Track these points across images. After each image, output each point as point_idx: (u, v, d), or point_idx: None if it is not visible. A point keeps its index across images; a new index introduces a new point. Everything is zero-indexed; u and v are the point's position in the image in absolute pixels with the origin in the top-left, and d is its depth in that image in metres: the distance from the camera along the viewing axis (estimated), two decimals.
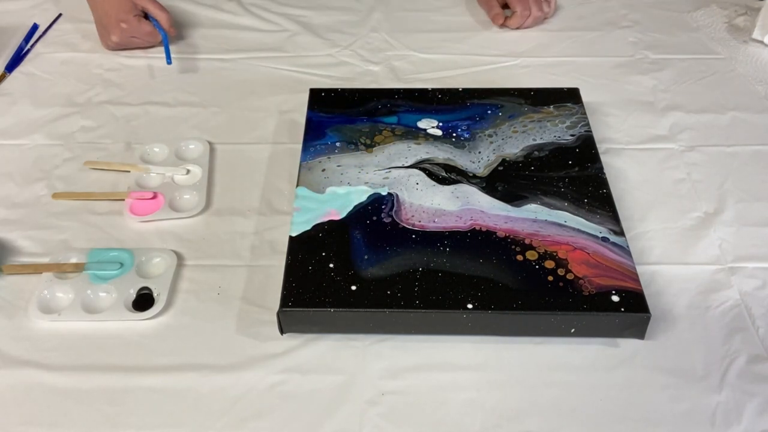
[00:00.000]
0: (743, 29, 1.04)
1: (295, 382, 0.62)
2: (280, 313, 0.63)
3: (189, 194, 0.78)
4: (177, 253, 0.72)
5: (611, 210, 0.70)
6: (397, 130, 0.81)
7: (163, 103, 0.92)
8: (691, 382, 0.61)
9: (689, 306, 0.67)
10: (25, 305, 0.67)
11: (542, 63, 0.98)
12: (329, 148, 0.78)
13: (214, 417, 0.59)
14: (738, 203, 0.77)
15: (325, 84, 0.94)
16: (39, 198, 0.79)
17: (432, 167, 0.76)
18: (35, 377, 0.62)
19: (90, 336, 0.65)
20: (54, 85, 0.95)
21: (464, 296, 0.63)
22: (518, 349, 0.64)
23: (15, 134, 0.87)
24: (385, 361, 0.63)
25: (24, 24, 1.06)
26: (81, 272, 0.69)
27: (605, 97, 0.91)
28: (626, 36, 1.03)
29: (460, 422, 0.59)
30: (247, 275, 0.70)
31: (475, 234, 0.68)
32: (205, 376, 0.62)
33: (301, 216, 0.70)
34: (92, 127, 0.88)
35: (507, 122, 0.81)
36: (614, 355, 0.63)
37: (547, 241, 0.67)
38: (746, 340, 0.64)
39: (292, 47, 1.01)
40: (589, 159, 0.76)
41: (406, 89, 0.87)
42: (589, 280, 0.64)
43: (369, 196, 0.72)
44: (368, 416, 0.59)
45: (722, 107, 0.90)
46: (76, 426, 0.59)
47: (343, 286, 0.64)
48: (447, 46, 1.02)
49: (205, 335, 0.65)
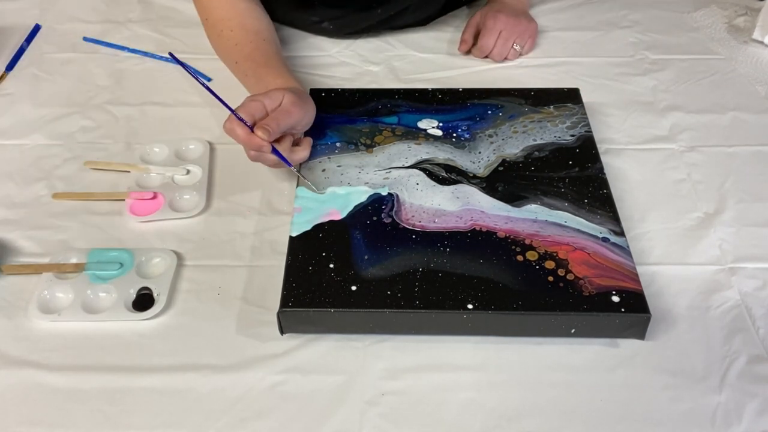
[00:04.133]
0: (743, 29, 1.04)
1: (295, 382, 0.62)
2: (280, 313, 0.63)
3: (189, 194, 0.78)
4: (177, 253, 0.72)
5: (611, 210, 0.70)
6: (398, 130, 0.81)
7: (163, 103, 0.92)
8: (691, 382, 0.61)
9: (689, 306, 0.67)
10: (25, 305, 0.67)
11: (542, 63, 0.98)
12: (329, 148, 0.78)
13: (214, 417, 0.59)
14: (738, 203, 0.77)
15: (325, 84, 0.94)
16: (39, 198, 0.79)
17: (432, 167, 0.76)
18: (35, 377, 0.62)
19: (90, 336, 0.65)
20: (54, 85, 0.95)
21: (464, 296, 0.63)
22: (518, 349, 0.64)
23: (15, 134, 0.87)
24: (385, 362, 0.63)
25: (24, 24, 1.06)
26: (81, 272, 0.69)
27: (605, 98, 0.91)
28: (626, 36, 1.03)
29: (460, 422, 0.59)
30: (247, 275, 0.70)
31: (475, 234, 0.68)
32: (205, 376, 0.62)
33: (301, 216, 0.70)
34: (92, 127, 0.88)
35: (507, 122, 0.81)
36: (614, 356, 0.63)
37: (548, 242, 0.67)
38: (746, 340, 0.64)
39: (292, 47, 1.01)
40: (590, 159, 0.76)
41: (406, 89, 0.87)
42: (590, 280, 0.64)
43: (369, 196, 0.72)
44: (368, 416, 0.59)
45: (722, 107, 0.90)
46: (76, 426, 0.59)
47: (343, 287, 0.64)
48: (447, 46, 1.02)
49: (205, 335, 0.65)
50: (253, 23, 0.87)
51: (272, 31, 0.89)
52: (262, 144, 0.69)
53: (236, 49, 0.85)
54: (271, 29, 0.89)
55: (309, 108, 0.76)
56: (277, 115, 0.71)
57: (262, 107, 0.71)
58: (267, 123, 0.69)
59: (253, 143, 0.70)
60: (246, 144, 0.71)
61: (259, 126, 0.69)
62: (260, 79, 0.80)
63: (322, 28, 1.01)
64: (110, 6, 1.10)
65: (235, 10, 0.86)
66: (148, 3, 1.10)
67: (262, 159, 0.73)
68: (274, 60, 0.83)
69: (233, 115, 0.69)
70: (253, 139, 0.69)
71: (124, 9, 1.09)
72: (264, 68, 0.82)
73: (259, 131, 0.69)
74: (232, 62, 0.86)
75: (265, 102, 0.71)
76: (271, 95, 0.72)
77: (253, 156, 0.73)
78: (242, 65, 0.84)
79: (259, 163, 0.74)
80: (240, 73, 0.85)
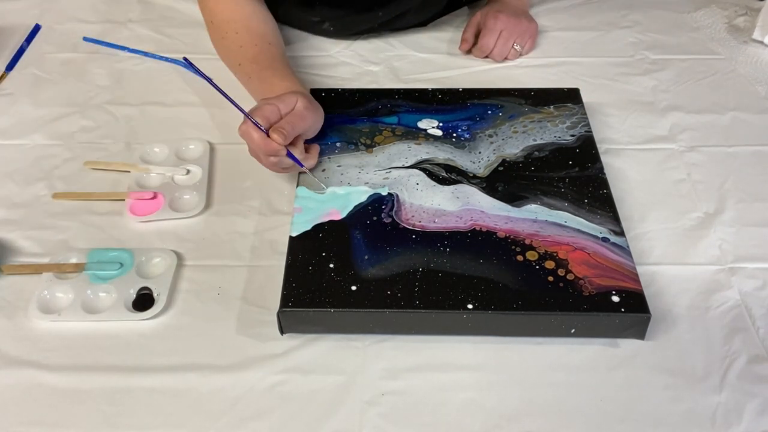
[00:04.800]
0: (743, 30, 1.04)
1: (295, 382, 0.62)
2: (280, 313, 0.63)
3: (189, 194, 0.78)
4: (177, 253, 0.72)
5: (611, 210, 0.70)
6: (398, 130, 0.81)
7: (163, 103, 0.92)
8: (691, 382, 0.61)
9: (689, 306, 0.67)
10: (25, 305, 0.67)
11: (542, 63, 0.98)
12: (329, 148, 0.78)
13: (214, 417, 0.59)
14: (738, 203, 0.77)
15: (325, 84, 0.94)
16: (39, 198, 0.79)
17: (432, 167, 0.76)
18: (35, 377, 0.62)
19: (90, 336, 0.65)
20: (54, 85, 0.95)
21: (464, 296, 0.63)
22: (518, 349, 0.64)
23: (15, 134, 0.87)
24: (385, 362, 0.63)
25: (24, 24, 1.06)
26: (81, 272, 0.69)
27: (605, 98, 0.91)
28: (626, 36, 1.03)
29: (460, 422, 0.59)
30: (247, 275, 0.70)
31: (475, 234, 0.68)
32: (205, 376, 0.62)
33: (301, 216, 0.70)
34: (92, 127, 0.88)
35: (507, 122, 0.81)
36: (614, 356, 0.63)
37: (548, 242, 0.67)
38: (746, 340, 0.64)
39: (292, 47, 1.01)
40: (590, 159, 0.76)
41: (406, 89, 0.87)
42: (590, 280, 0.64)
43: (369, 196, 0.72)
44: (368, 416, 0.59)
45: (722, 107, 0.90)
46: (76, 426, 0.59)
47: (343, 287, 0.64)
48: (447, 46, 1.02)
49: (205, 335, 0.65)
50: (258, 26, 0.86)
51: (277, 35, 0.89)
52: (278, 148, 0.69)
53: (240, 52, 0.85)
54: (276, 32, 0.89)
55: (320, 112, 0.77)
56: (291, 118, 0.71)
57: (277, 111, 0.71)
58: (282, 126, 0.69)
59: (270, 148, 0.69)
60: (261, 148, 0.70)
61: (275, 129, 0.69)
62: (264, 81, 0.80)
63: (323, 29, 1.01)
64: (110, 6, 1.10)
65: (241, 13, 0.86)
66: (148, 3, 1.10)
67: (279, 164, 0.72)
68: (278, 63, 0.83)
69: (248, 119, 0.69)
70: (269, 143, 0.69)
71: (124, 9, 1.09)
72: (268, 71, 0.81)
73: (274, 134, 0.68)
74: (236, 64, 0.86)
75: (280, 106, 0.71)
76: (285, 99, 0.72)
77: (271, 162, 0.72)
78: (246, 68, 0.84)
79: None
80: (243, 75, 0.85)
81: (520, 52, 0.98)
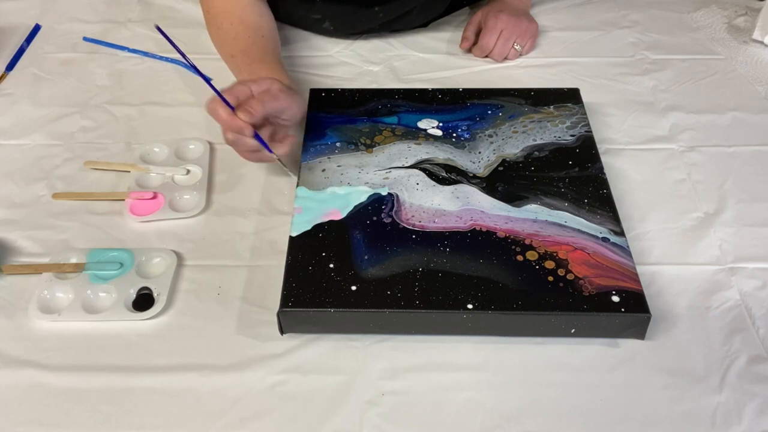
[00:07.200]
0: (743, 30, 1.04)
1: (295, 382, 0.62)
2: (280, 313, 0.63)
3: (189, 194, 0.78)
4: (177, 253, 0.72)
5: (611, 210, 0.70)
6: (398, 130, 0.81)
7: (163, 103, 0.92)
8: (691, 382, 0.61)
9: (689, 306, 0.67)
10: (25, 305, 0.67)
11: (542, 63, 0.98)
12: (329, 148, 0.78)
13: (214, 417, 0.59)
14: (738, 203, 0.77)
15: (325, 84, 0.94)
16: (39, 198, 0.79)
17: (432, 167, 0.76)
18: (35, 377, 0.62)
19: (90, 336, 0.65)
20: (54, 85, 0.95)
21: (464, 296, 0.63)
22: (518, 349, 0.64)
23: (15, 134, 0.87)
24: (385, 362, 0.63)
25: (24, 24, 1.06)
26: (81, 272, 0.69)
27: (605, 98, 0.91)
28: (626, 36, 1.03)
29: (460, 422, 0.59)
30: (247, 275, 0.70)
31: (475, 234, 0.68)
32: (205, 376, 0.62)
33: (301, 216, 0.70)
34: (92, 127, 0.88)
35: (507, 122, 0.81)
36: (614, 356, 0.63)
37: (548, 242, 0.67)
38: (746, 340, 0.64)
39: (292, 47, 1.01)
40: (590, 159, 0.76)
41: (406, 89, 0.87)
42: (590, 280, 0.64)
43: (369, 196, 0.72)
44: (368, 416, 0.59)
45: (722, 107, 0.90)
46: (76, 426, 0.59)
47: (343, 287, 0.64)
48: (447, 46, 1.02)
49: (205, 335, 0.65)
50: (253, 19, 0.87)
51: (273, 29, 0.89)
52: (243, 126, 0.68)
53: (233, 43, 0.85)
54: (271, 26, 0.89)
55: (297, 99, 0.75)
56: (262, 96, 0.70)
57: (248, 91, 0.70)
58: (250, 104, 0.68)
59: (234, 124, 0.68)
60: (226, 125, 0.69)
61: (241, 107, 0.68)
62: (253, 74, 0.80)
63: (323, 28, 1.01)
64: (110, 6, 1.10)
65: (238, 4, 0.86)
66: (148, 3, 1.10)
67: (241, 143, 0.71)
68: (270, 57, 0.83)
69: (217, 96, 0.68)
70: (234, 120, 0.68)
71: (124, 9, 1.09)
72: (258, 64, 0.81)
73: (240, 111, 0.68)
74: (228, 55, 0.86)
75: (252, 87, 0.71)
76: (260, 81, 0.72)
77: (230, 138, 0.70)
78: (237, 59, 0.84)
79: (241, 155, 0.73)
80: (234, 67, 0.85)
81: (520, 52, 0.98)
